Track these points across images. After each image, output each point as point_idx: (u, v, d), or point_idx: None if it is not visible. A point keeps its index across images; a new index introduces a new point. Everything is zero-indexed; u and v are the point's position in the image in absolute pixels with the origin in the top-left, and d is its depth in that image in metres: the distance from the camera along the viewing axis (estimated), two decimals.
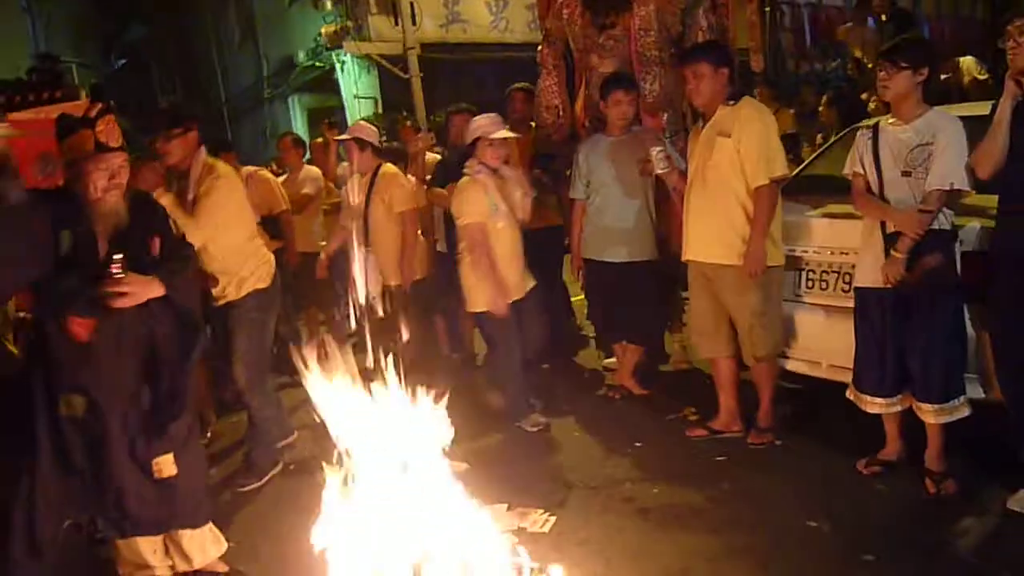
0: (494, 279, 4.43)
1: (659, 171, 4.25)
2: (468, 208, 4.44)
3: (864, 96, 7.89)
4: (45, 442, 2.95)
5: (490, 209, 4.44)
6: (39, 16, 16.54)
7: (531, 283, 4.66)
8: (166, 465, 3.08)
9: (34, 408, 2.96)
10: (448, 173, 5.24)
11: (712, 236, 4.02)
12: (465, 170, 4.55)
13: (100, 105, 3.01)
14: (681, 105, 5.08)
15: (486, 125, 4.51)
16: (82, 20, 21.86)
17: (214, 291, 4.10)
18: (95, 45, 22.49)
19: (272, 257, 4.33)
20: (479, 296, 4.50)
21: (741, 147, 3.87)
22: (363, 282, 4.76)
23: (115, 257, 2.93)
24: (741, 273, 3.91)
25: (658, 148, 4.25)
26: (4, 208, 2.62)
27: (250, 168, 5.91)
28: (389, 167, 5.03)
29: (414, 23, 12.95)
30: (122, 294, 2.92)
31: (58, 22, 18.94)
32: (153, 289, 3.00)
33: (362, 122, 5.55)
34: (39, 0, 16.94)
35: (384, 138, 6.61)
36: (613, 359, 5.36)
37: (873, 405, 3.58)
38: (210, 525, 3.26)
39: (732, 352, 4.18)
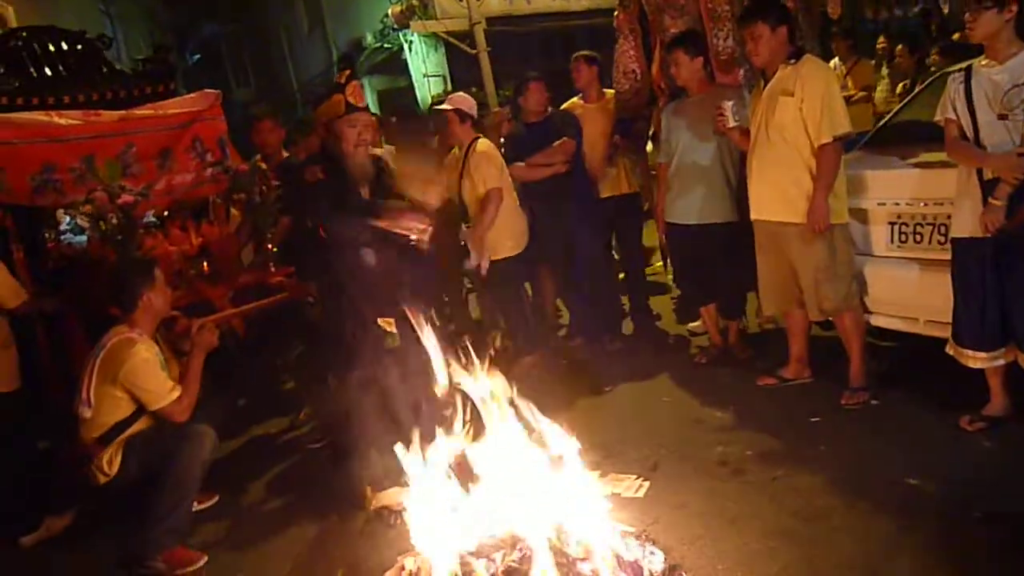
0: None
1: (731, 125, 4.22)
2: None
3: (956, 37, 7.50)
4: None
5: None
6: (117, 18, 17.15)
7: None
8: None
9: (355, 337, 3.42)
10: (518, 146, 5.25)
11: (776, 195, 4.01)
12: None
13: (348, 72, 3.46)
14: None
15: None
16: (154, 17, 22.52)
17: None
18: (169, 41, 23.18)
19: None
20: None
21: (804, 105, 3.84)
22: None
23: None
24: (805, 231, 3.90)
25: (730, 102, 4.21)
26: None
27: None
28: (484, 142, 5.03)
29: None
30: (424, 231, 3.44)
31: (134, 21, 19.57)
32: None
33: (462, 93, 5.48)
34: (118, 1, 17.57)
35: None
36: (698, 323, 5.31)
37: (975, 360, 3.46)
38: None
39: (799, 305, 4.17)
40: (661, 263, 6.91)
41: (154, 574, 3.40)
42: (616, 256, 6.00)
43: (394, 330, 3.45)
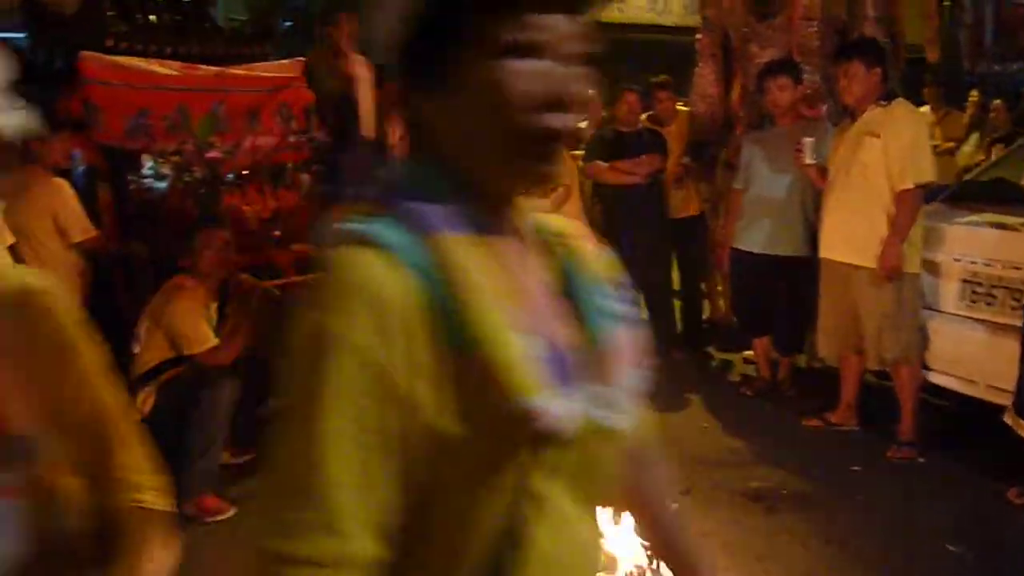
0: None
1: (808, 162, 4.18)
2: None
3: None
4: None
5: None
6: None
7: None
8: None
9: None
10: (604, 148, 5.27)
11: (850, 235, 3.96)
12: None
13: None
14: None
15: None
16: None
17: None
18: (265, 7, 23.65)
19: None
20: None
21: (890, 148, 3.79)
22: None
23: None
24: (875, 275, 3.83)
25: (810, 139, 4.18)
26: None
27: None
28: None
29: None
30: None
31: None
32: None
33: None
34: None
35: None
36: (751, 351, 5.27)
37: None
38: None
39: (857, 351, 4.10)
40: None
41: (183, 517, 3.52)
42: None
43: None
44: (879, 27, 4.71)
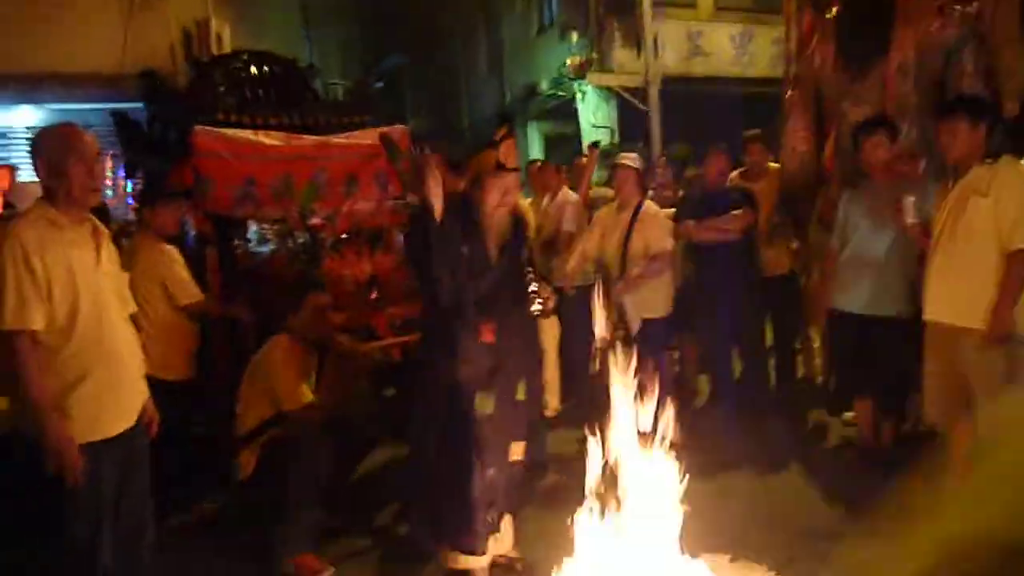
0: None
1: (908, 221, 4.08)
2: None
3: None
4: (464, 439, 3.27)
5: None
6: (315, 42, 18.60)
7: None
8: (518, 451, 3.44)
9: (447, 410, 3.29)
10: (693, 209, 5.27)
11: (955, 297, 3.80)
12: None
13: (505, 129, 3.38)
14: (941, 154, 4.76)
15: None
16: (349, 46, 24.13)
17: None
18: (358, 69, 24.69)
19: None
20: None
21: (998, 208, 3.65)
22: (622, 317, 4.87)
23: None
24: (984, 338, 3.67)
25: (911, 198, 4.07)
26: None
27: None
28: (653, 204, 5.10)
29: (656, 56, 13.05)
30: (546, 300, 3.39)
31: (329, 48, 21.05)
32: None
33: (635, 155, 5.47)
34: (317, 28, 18.98)
35: None
36: (850, 414, 5.10)
37: None
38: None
39: (966, 416, 3.87)
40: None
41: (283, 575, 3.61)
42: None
43: (490, 398, 3.28)
44: (978, 81, 4.58)
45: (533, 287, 3.42)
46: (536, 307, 3.38)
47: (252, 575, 3.72)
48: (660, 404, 5.12)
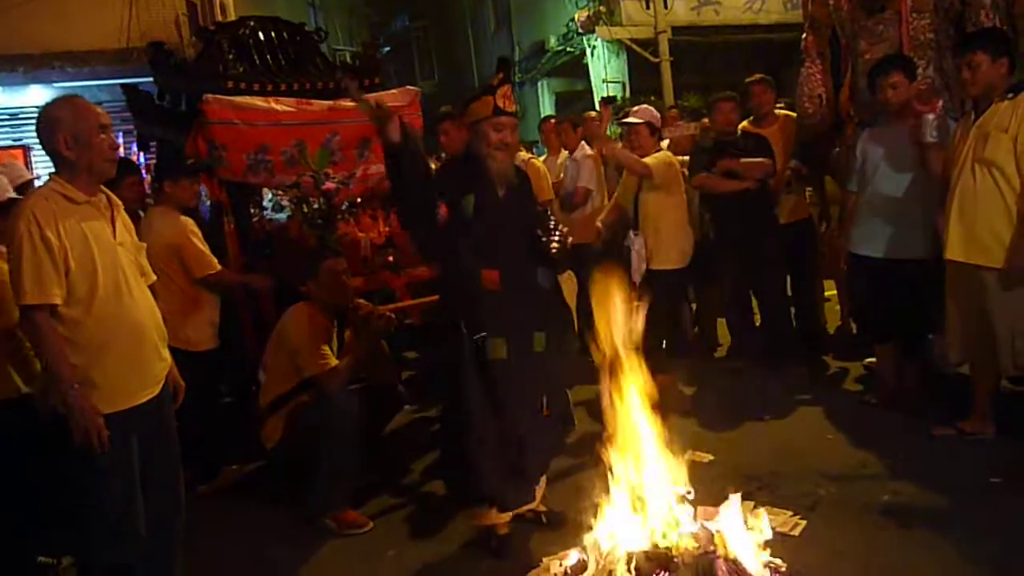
0: None
1: (928, 139, 4.04)
2: None
3: None
4: (482, 388, 3.27)
5: None
6: (320, 8, 18.47)
7: None
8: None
9: (462, 359, 3.28)
10: (707, 158, 5.22)
11: (976, 235, 3.77)
12: None
13: (502, 75, 3.38)
14: (959, 91, 4.66)
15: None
16: (355, 11, 23.94)
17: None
18: (364, 34, 24.55)
19: None
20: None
21: (1019, 143, 3.58)
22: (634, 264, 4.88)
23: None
24: (1006, 276, 3.65)
25: (931, 116, 4.04)
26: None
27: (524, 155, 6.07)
28: (667, 153, 5.07)
29: (666, 6, 12.85)
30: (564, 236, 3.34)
31: (335, 12, 20.89)
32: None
33: (649, 106, 5.49)
34: None
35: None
36: (872, 359, 5.08)
37: None
38: None
39: (990, 356, 3.89)
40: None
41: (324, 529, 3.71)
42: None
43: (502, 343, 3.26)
44: (996, 16, 4.47)
45: (552, 223, 3.41)
46: (554, 244, 3.36)
47: (287, 534, 3.79)
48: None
